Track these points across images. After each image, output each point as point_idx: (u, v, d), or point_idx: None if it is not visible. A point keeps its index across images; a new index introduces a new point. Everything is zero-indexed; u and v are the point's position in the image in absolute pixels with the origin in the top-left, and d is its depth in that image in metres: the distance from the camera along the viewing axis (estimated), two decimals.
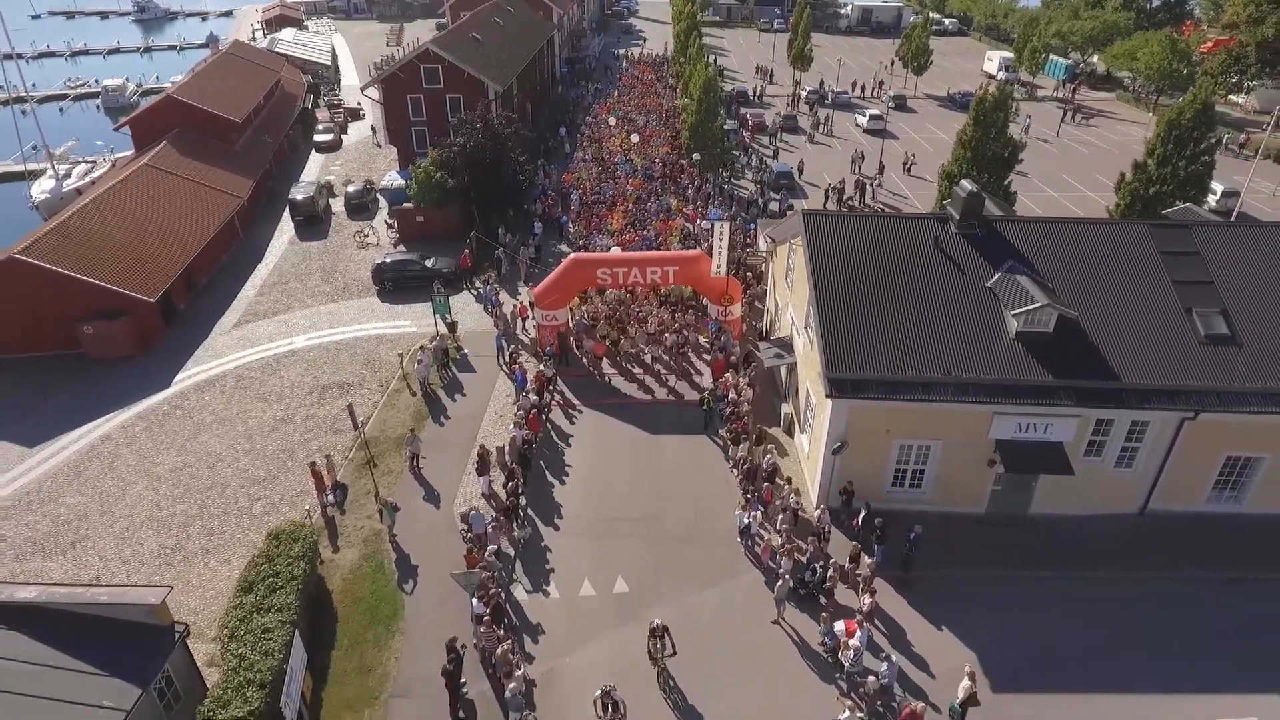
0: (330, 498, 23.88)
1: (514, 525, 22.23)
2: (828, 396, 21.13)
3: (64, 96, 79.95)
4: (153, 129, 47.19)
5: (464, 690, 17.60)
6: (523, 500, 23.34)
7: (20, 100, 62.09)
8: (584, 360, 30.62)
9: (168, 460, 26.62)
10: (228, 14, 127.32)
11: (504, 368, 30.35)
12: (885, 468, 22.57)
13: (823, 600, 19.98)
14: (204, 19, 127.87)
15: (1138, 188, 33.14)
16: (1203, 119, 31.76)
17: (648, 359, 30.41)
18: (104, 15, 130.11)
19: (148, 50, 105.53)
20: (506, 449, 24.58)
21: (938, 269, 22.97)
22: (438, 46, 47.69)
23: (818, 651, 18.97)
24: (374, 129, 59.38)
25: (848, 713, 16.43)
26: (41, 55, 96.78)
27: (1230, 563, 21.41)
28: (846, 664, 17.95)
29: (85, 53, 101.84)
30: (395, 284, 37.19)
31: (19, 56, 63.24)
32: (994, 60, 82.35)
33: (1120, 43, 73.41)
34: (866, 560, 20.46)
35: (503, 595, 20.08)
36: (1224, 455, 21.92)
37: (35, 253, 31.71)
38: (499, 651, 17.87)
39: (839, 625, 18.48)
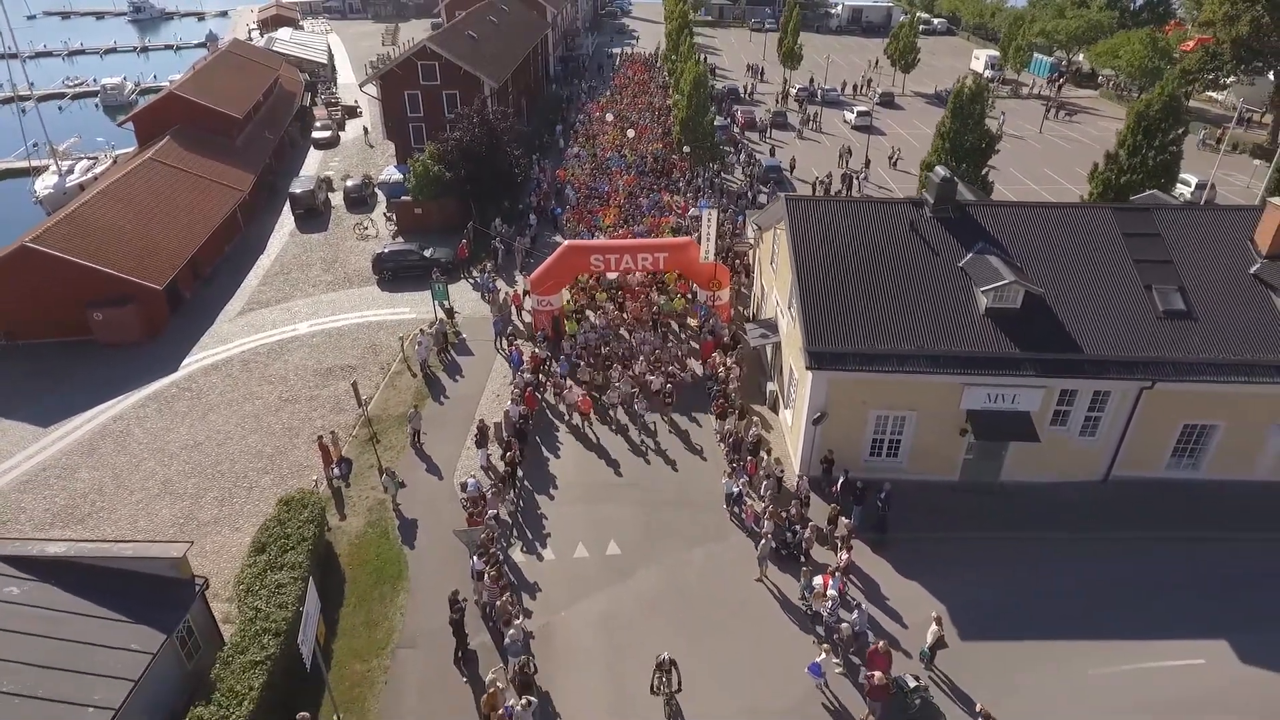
0: (336, 471, 25.02)
1: (510, 493, 23.43)
2: (808, 369, 22.38)
3: (63, 95, 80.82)
4: (155, 125, 48.27)
5: (467, 641, 18.76)
6: (520, 472, 24.55)
7: (24, 98, 63.11)
8: (566, 411, 27.73)
9: (178, 438, 27.73)
10: (223, 14, 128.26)
11: (501, 350, 31.54)
12: (863, 438, 23.82)
13: (802, 560, 21.22)
14: (200, 19, 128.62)
15: (1110, 177, 34.52)
16: (1170, 110, 33.14)
17: (638, 408, 27.52)
18: (99, 15, 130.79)
19: (144, 50, 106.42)
20: (503, 423, 25.78)
21: (913, 250, 24.24)
22: (435, 44, 48.89)
23: (797, 605, 20.22)
24: (365, 129, 60.56)
25: (824, 655, 17.67)
26: (39, 55, 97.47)
27: (1187, 525, 22.73)
28: (823, 613, 19.19)
29: (82, 52, 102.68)
30: (394, 273, 38.35)
31: (20, 56, 64.27)
32: (981, 59, 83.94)
33: (1103, 41, 75.01)
34: (844, 521, 21.69)
35: (501, 556, 21.25)
36: (1181, 424, 23.24)
37: (47, 241, 32.81)
38: (498, 603, 19.05)
39: (816, 579, 19.74)
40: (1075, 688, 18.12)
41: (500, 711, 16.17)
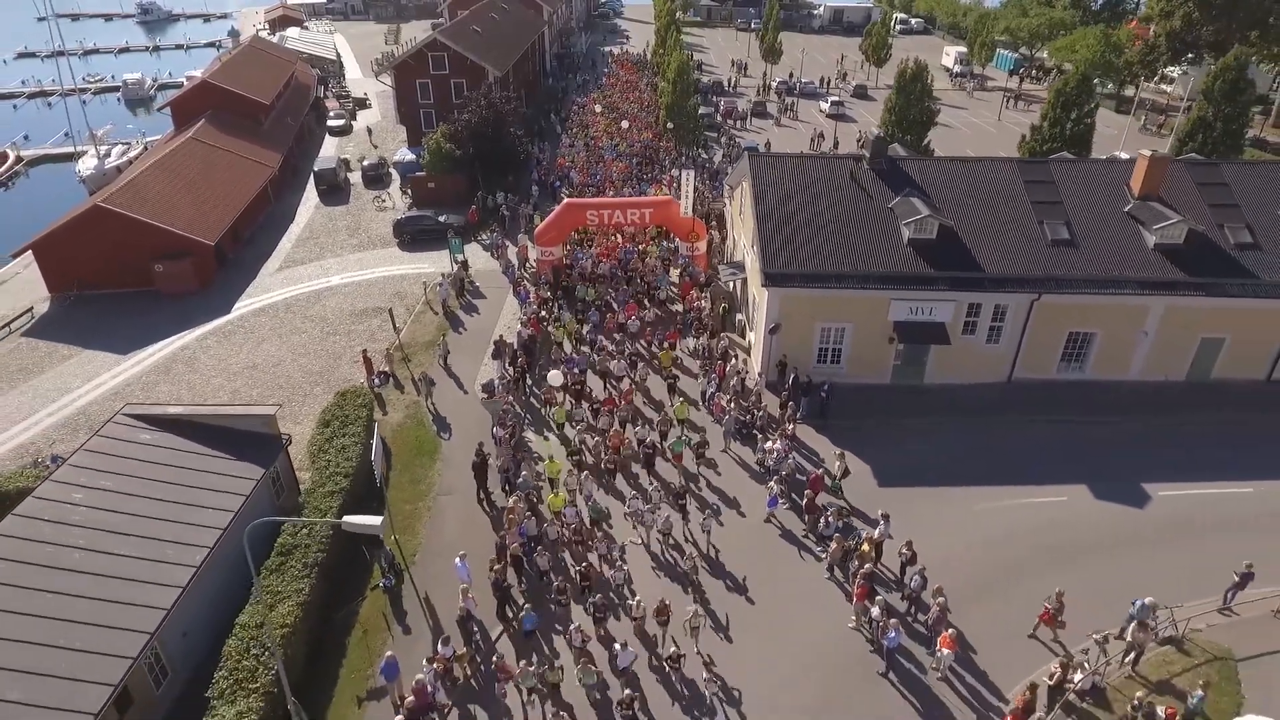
0: (376, 380, 30.12)
1: (522, 392, 28.62)
2: (763, 286, 27.62)
3: (85, 90, 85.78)
4: (191, 110, 53.45)
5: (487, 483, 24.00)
6: (528, 379, 29.72)
7: (49, 94, 68.38)
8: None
9: (238, 362, 32.80)
10: (224, 16, 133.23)
11: (513, 289, 36.64)
12: (811, 346, 29.05)
13: (758, 436, 26.43)
14: (206, 20, 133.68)
15: (1035, 145, 39.98)
16: (1083, 89, 38.60)
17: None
18: (108, 17, 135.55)
19: (156, 49, 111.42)
20: (515, 342, 30.95)
21: (851, 194, 29.52)
22: (444, 36, 54.13)
23: (753, 466, 25.45)
24: (369, 130, 65.24)
25: (776, 488, 22.94)
26: (56, 54, 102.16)
27: (1071, 411, 28.03)
28: (770, 463, 24.43)
29: (96, 51, 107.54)
30: (413, 236, 43.51)
31: (39, 54, 69.53)
32: (950, 55, 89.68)
33: (1063, 37, 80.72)
34: (792, 405, 26.89)
35: (516, 429, 26.31)
36: (1067, 331, 28.54)
37: (114, 203, 37.85)
38: (513, 455, 24.21)
39: (767, 444, 24.97)
40: (963, 516, 23.40)
41: (514, 514, 21.46)
